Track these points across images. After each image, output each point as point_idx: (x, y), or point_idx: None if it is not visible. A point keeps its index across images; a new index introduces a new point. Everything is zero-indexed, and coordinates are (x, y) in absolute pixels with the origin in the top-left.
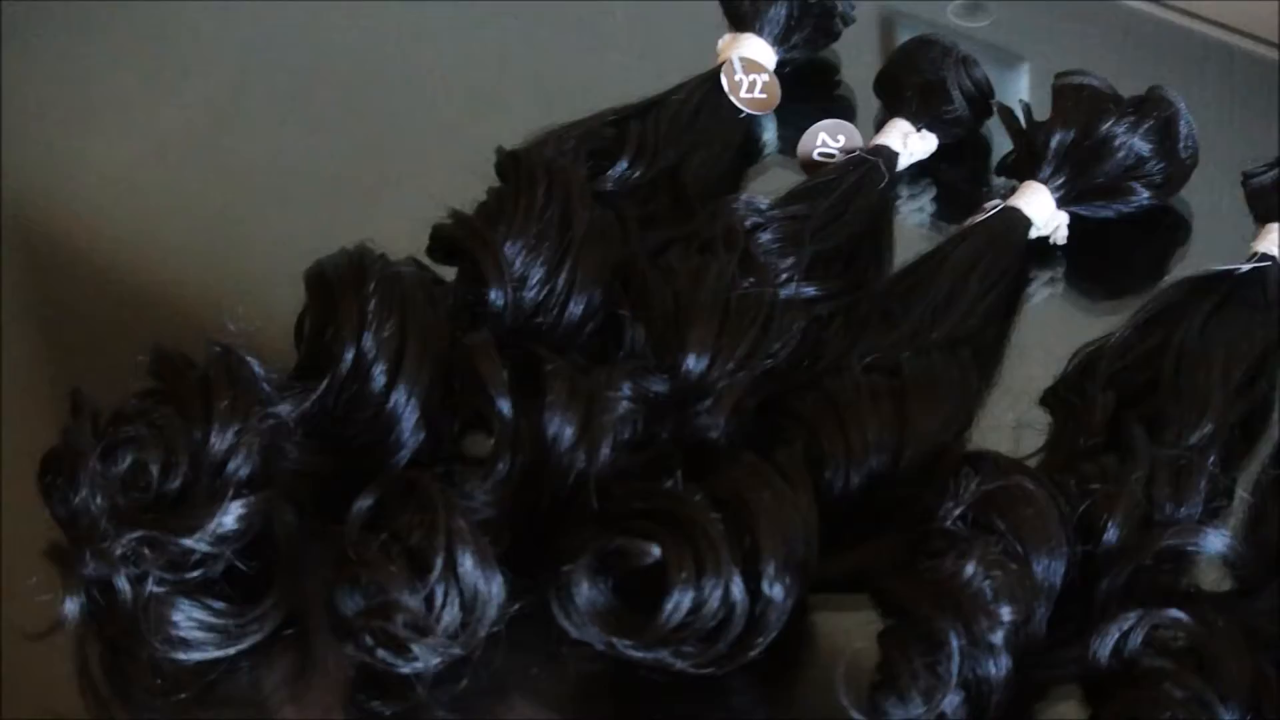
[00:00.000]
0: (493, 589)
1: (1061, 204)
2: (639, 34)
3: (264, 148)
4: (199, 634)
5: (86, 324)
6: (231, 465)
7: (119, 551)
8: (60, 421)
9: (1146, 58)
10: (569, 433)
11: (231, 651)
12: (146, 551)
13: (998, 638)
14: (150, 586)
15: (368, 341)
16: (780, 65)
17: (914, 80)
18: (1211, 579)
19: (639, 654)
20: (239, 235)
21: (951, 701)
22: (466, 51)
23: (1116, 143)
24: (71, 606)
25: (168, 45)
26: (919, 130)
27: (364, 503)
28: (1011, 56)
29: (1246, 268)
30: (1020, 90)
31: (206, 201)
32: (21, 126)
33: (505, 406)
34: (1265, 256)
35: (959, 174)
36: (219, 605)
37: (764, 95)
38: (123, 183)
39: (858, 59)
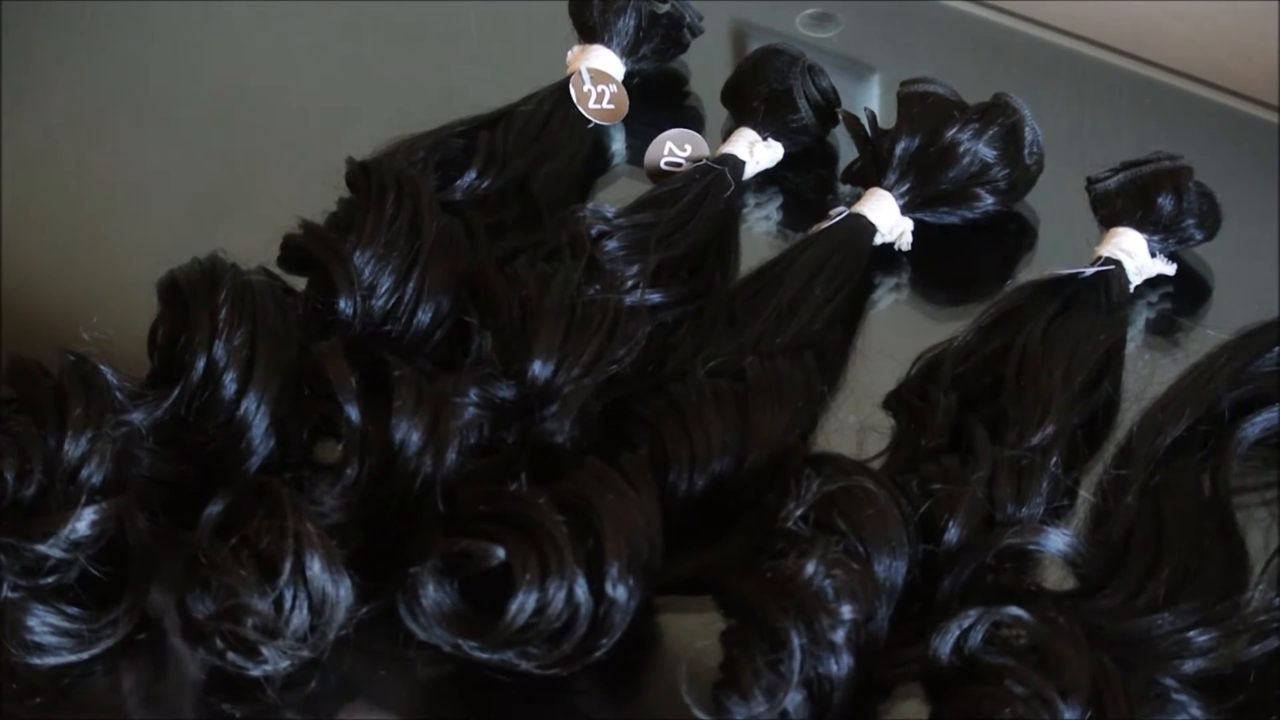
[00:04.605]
0: (340, 592)
1: (906, 210)
2: (490, 46)
3: (120, 159)
4: (53, 639)
5: None
6: (85, 472)
7: None
8: None
9: (995, 66)
10: (416, 438)
11: (86, 656)
12: (1, 557)
13: (839, 636)
14: (5, 592)
15: (219, 350)
16: (629, 76)
17: (760, 90)
18: (1054, 578)
19: (485, 655)
20: (95, 245)
21: (794, 699)
22: (320, 63)
23: (961, 149)
24: None
25: (25, 57)
26: (765, 139)
27: (215, 508)
28: (860, 66)
29: (1090, 271)
30: (869, 99)
31: (63, 211)
32: None
33: (354, 412)
34: (1109, 260)
35: (805, 182)
36: (73, 610)
37: (612, 106)
38: None
39: (707, 70)
